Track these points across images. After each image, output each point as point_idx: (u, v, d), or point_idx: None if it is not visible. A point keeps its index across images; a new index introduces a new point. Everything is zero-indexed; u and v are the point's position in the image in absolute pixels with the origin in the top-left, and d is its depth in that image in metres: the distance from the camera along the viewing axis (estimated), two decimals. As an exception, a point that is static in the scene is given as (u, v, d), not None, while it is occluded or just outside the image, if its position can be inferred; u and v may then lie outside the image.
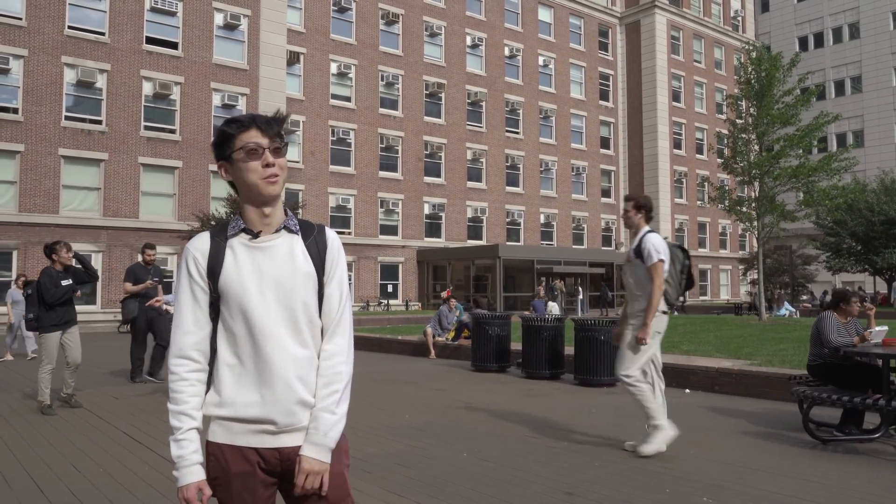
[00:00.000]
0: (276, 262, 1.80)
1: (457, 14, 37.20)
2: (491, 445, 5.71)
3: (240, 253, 1.80)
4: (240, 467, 1.75)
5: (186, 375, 1.76)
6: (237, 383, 1.76)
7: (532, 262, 33.34)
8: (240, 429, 1.76)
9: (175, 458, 1.72)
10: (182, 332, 1.78)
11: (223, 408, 1.76)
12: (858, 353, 5.90)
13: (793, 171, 18.69)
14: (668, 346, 11.80)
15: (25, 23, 24.25)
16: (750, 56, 20.08)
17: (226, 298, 1.77)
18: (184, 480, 1.71)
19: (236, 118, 1.82)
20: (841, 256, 35.38)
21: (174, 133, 27.14)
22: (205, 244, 1.81)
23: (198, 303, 1.79)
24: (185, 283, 1.80)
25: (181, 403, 1.74)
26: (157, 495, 4.36)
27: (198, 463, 1.73)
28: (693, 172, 46.61)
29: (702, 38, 48.29)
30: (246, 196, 1.82)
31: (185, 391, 1.75)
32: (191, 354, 1.77)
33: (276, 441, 1.77)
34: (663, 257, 5.43)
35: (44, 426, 6.57)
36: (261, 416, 1.75)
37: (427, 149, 35.51)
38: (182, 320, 1.79)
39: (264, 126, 1.80)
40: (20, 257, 23.75)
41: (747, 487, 4.49)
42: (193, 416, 1.74)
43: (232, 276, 1.77)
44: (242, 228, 1.82)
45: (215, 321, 1.81)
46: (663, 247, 5.48)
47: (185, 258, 1.81)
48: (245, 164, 1.77)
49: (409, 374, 10.74)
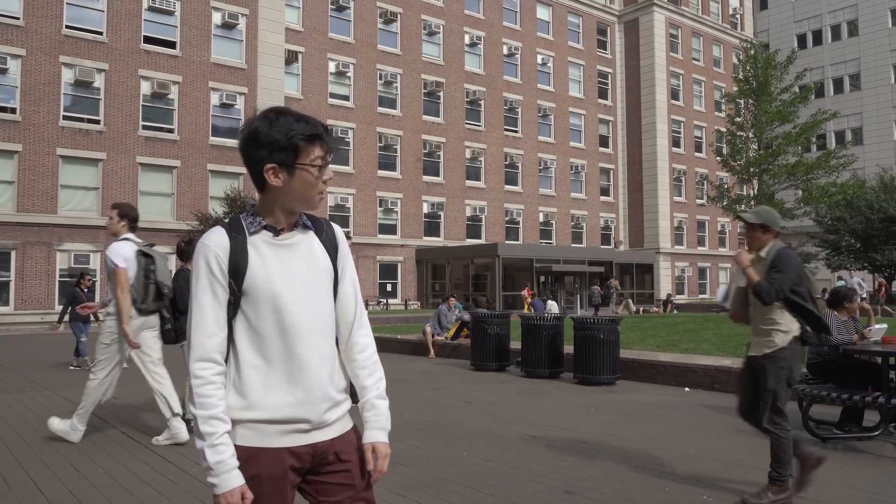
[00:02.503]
0: (301, 260, 1.79)
1: (455, 12, 37.17)
2: (490, 444, 5.71)
3: (265, 251, 1.75)
4: (272, 469, 1.71)
5: (213, 378, 1.69)
6: (265, 385, 1.73)
7: (531, 261, 33.33)
8: (272, 430, 1.72)
9: (213, 464, 1.64)
10: (206, 334, 1.70)
11: (252, 410, 1.71)
12: (858, 351, 5.91)
13: (790, 169, 18.70)
14: (667, 345, 11.82)
15: (23, 22, 24.21)
16: (747, 54, 20.08)
17: (253, 298, 1.72)
18: (227, 486, 1.64)
19: (304, 130, 1.74)
20: (840, 254, 35.38)
21: (172, 132, 27.12)
22: (224, 241, 1.73)
23: (219, 302, 1.72)
24: (205, 281, 1.72)
25: (212, 408, 1.67)
26: (157, 495, 4.35)
27: (237, 467, 1.67)
28: (692, 170, 46.61)
29: (700, 35, 48.28)
30: (288, 201, 1.78)
31: (213, 395, 1.68)
32: (215, 357, 1.70)
33: (308, 438, 1.76)
34: (124, 264, 5.71)
35: (42, 426, 6.56)
36: (294, 416, 1.73)
37: (426, 148, 35.49)
38: (205, 321, 1.70)
39: (327, 138, 1.78)
40: (18, 257, 23.73)
41: (747, 486, 4.48)
42: (225, 419, 1.68)
43: (261, 275, 1.72)
44: (264, 226, 1.78)
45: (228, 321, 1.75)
46: (128, 254, 5.76)
47: (204, 255, 1.72)
48: (314, 180, 1.76)
49: (409, 373, 10.73)
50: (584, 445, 5.68)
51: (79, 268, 24.70)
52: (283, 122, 1.74)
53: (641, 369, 9.61)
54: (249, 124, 1.77)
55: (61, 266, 24.48)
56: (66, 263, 24.51)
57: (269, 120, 1.75)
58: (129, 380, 9.93)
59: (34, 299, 23.71)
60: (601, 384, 9.16)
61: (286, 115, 1.76)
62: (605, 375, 9.18)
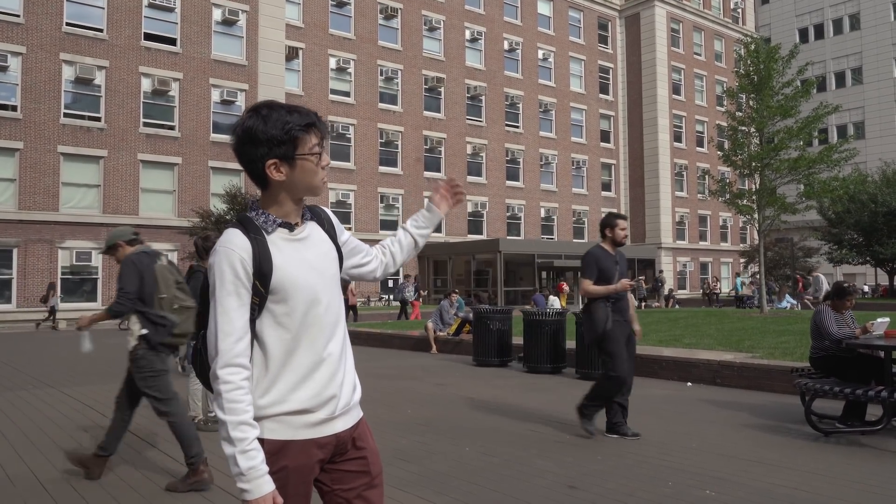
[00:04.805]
0: (316, 252, 1.82)
1: (455, 8, 37.09)
2: (493, 440, 5.71)
3: (284, 248, 1.77)
4: (299, 461, 1.73)
5: (242, 384, 1.68)
6: (292, 378, 1.74)
7: (533, 257, 33.31)
8: (300, 422, 1.74)
9: (245, 469, 1.63)
10: (234, 339, 1.68)
11: (280, 404, 1.73)
12: (861, 346, 5.90)
13: (792, 163, 18.61)
14: (670, 340, 11.81)
15: (23, 20, 24.19)
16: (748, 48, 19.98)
17: (283, 295, 1.73)
18: (259, 491, 1.63)
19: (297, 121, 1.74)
20: (843, 248, 35.35)
21: (173, 129, 27.10)
22: (245, 242, 1.71)
23: (244, 306, 1.71)
24: (231, 286, 1.69)
25: (242, 413, 1.66)
26: (160, 491, 4.36)
27: (268, 473, 1.66)
28: (693, 165, 46.53)
29: (702, 30, 48.14)
30: (293, 193, 1.80)
31: (242, 400, 1.67)
32: (242, 362, 1.69)
33: (332, 427, 1.79)
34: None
35: (46, 423, 6.57)
36: (321, 405, 1.76)
37: (427, 143, 35.45)
38: (232, 326, 1.68)
39: (322, 127, 1.80)
40: (20, 255, 23.76)
41: (750, 480, 4.48)
42: (254, 424, 1.68)
43: (287, 272, 1.74)
44: (280, 223, 1.79)
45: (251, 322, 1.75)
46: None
47: (228, 259, 1.69)
48: (315, 167, 1.78)
49: (411, 369, 10.74)
50: (586, 440, 5.69)
51: (80, 265, 24.75)
52: (277, 116, 1.73)
53: (644, 364, 9.60)
54: (242, 123, 1.76)
55: (63, 264, 24.50)
56: (68, 261, 24.53)
57: (261, 117, 1.74)
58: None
59: (36, 297, 23.73)
60: (603, 379, 9.15)
61: (276, 109, 1.76)
62: (607, 371, 9.16)
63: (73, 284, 24.80)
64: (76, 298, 24.65)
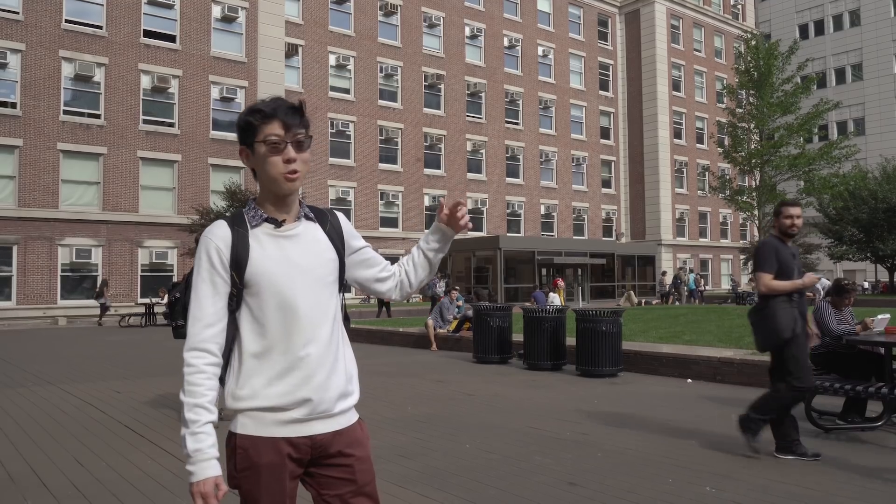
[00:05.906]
0: (303, 251, 1.81)
1: (455, 4, 37.03)
2: (493, 437, 5.71)
3: (266, 242, 1.78)
4: (270, 458, 1.73)
5: (204, 368, 1.72)
6: (266, 374, 1.75)
7: (533, 254, 33.30)
8: (271, 419, 1.74)
9: (191, 451, 1.66)
10: (203, 325, 1.73)
11: (253, 399, 1.74)
12: (861, 342, 5.89)
13: (792, 160, 18.63)
14: (670, 337, 11.82)
15: (22, 17, 24.15)
16: (748, 44, 19.99)
17: (256, 288, 1.75)
18: (201, 475, 1.66)
19: (259, 107, 1.76)
20: (843, 244, 35.33)
21: (173, 127, 27.07)
22: (226, 233, 1.76)
23: (218, 293, 1.75)
24: (206, 273, 1.75)
25: (199, 396, 1.69)
26: (160, 488, 4.36)
27: (215, 458, 1.68)
28: (693, 162, 46.50)
29: (702, 26, 48.07)
30: (266, 186, 1.81)
31: (203, 384, 1.70)
32: (209, 347, 1.73)
33: (308, 429, 1.77)
34: None
35: (46, 421, 6.58)
36: (294, 405, 1.75)
37: (427, 140, 35.43)
38: (202, 311, 1.74)
39: (288, 117, 1.76)
40: (20, 252, 23.75)
41: (750, 476, 4.49)
42: (211, 409, 1.71)
43: (262, 266, 1.75)
44: (265, 218, 1.80)
45: (231, 313, 1.78)
46: None
47: (206, 247, 1.76)
48: (267, 158, 1.76)
49: (412, 366, 10.75)
50: (586, 437, 5.69)
51: (80, 262, 24.75)
52: (251, 106, 1.80)
53: (644, 361, 9.61)
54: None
55: (63, 261, 24.49)
56: (68, 258, 24.53)
57: (246, 109, 1.83)
58: (130, 375, 9.96)
59: (36, 294, 23.74)
60: (603, 376, 9.16)
61: (261, 101, 1.81)
62: (607, 367, 9.18)
63: (72, 282, 24.79)
64: (76, 296, 24.65)
